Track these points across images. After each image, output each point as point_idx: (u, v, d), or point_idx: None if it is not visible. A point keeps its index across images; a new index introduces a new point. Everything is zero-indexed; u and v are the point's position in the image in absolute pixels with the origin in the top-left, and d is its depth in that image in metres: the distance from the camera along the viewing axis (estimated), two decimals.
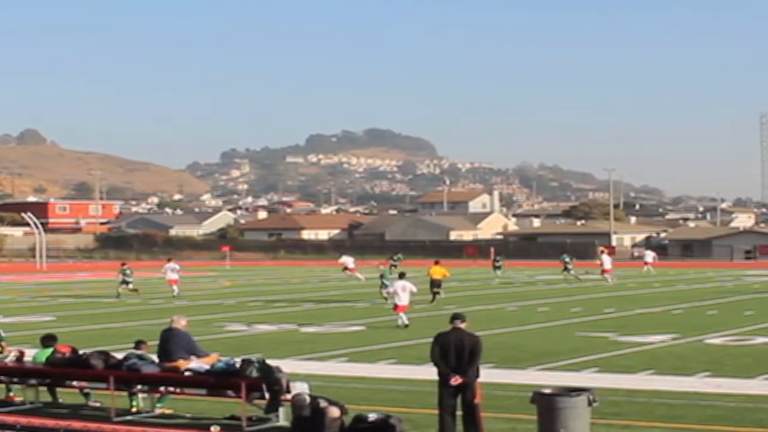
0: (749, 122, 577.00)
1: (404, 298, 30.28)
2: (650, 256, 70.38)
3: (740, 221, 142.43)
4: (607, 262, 54.16)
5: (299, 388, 14.46)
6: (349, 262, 61.77)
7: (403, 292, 30.35)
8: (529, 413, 13.77)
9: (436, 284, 40.62)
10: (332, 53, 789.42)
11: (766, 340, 25.96)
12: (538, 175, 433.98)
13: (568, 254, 61.84)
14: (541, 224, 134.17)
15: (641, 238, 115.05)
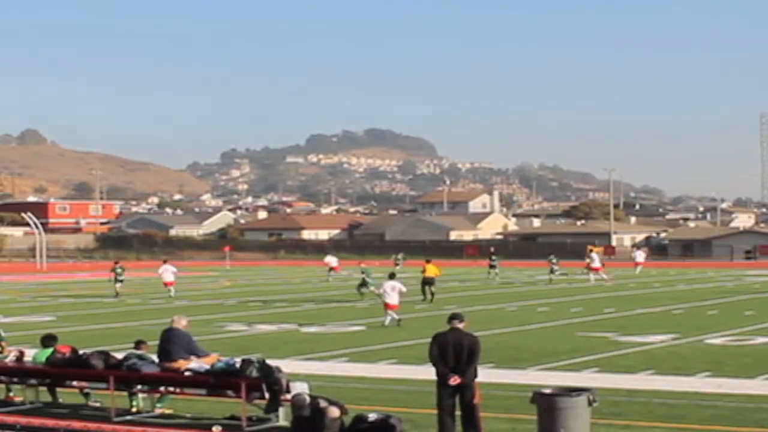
0: (749, 122, 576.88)
1: (394, 297, 30.89)
2: (641, 255, 70.21)
3: (740, 221, 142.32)
4: (596, 260, 55.28)
5: (299, 388, 14.45)
6: (332, 261, 63.05)
7: (392, 291, 31.01)
8: (529, 413, 13.76)
9: (429, 282, 40.64)
10: (332, 53, 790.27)
11: (766, 340, 25.94)
12: (538, 175, 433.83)
13: (554, 256, 63.17)
14: (541, 224, 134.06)
15: (641, 238, 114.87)
